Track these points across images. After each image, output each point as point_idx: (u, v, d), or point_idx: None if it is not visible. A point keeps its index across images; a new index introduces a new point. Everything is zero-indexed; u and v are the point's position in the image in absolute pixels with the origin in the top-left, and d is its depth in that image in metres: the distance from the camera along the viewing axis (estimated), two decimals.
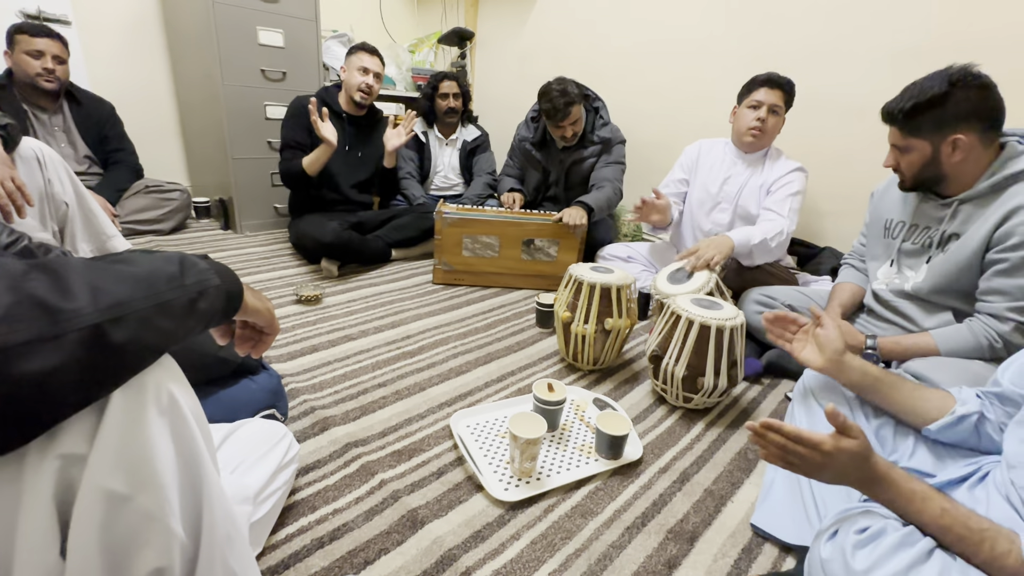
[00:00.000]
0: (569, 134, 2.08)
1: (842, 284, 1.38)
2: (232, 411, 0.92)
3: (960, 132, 1.00)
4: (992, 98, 0.99)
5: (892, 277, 1.23)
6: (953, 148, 1.02)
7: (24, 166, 1.34)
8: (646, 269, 1.99)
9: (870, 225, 1.33)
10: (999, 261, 1.01)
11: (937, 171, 1.07)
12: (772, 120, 1.67)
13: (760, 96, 1.66)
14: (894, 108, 1.06)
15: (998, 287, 1.02)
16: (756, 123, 1.66)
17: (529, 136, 2.25)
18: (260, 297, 0.63)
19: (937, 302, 1.14)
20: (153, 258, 0.48)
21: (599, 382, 1.40)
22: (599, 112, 2.16)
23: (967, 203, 1.08)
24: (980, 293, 1.06)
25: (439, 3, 3.25)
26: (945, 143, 1.02)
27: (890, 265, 1.24)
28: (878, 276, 1.27)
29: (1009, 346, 1.01)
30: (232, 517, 0.54)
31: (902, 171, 1.13)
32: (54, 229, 1.45)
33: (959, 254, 1.07)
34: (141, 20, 2.45)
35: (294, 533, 0.83)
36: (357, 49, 2.05)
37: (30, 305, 0.35)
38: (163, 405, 0.45)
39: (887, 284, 1.24)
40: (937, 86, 0.99)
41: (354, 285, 1.91)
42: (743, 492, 1.02)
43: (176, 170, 2.74)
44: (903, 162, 1.11)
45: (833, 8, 1.87)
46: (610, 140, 2.16)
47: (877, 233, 1.29)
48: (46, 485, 0.39)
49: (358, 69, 2.03)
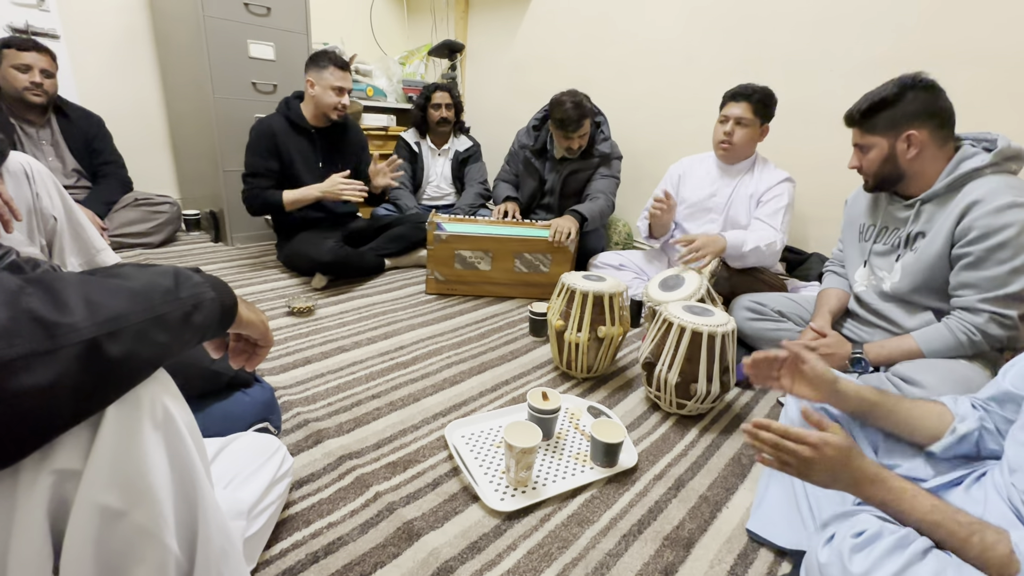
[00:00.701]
0: (575, 146, 2.11)
1: (828, 290, 1.40)
2: (225, 425, 0.91)
3: (913, 128, 1.09)
4: (940, 99, 1.08)
5: (868, 279, 1.28)
6: (908, 144, 1.10)
7: (12, 180, 1.33)
8: (638, 277, 2.01)
9: (845, 231, 1.39)
10: (964, 256, 1.06)
11: (895, 168, 1.14)
12: (740, 132, 1.70)
13: (727, 111, 1.72)
14: (853, 110, 1.16)
15: (967, 280, 1.07)
16: (724, 137, 1.72)
17: (529, 144, 2.27)
18: (254, 310, 0.63)
19: (917, 302, 1.18)
20: (148, 272, 0.48)
21: (593, 390, 1.40)
22: (601, 127, 2.19)
23: (928, 203, 1.14)
24: (952, 289, 1.11)
25: (429, 16, 3.29)
26: (900, 139, 1.11)
27: (863, 266, 1.29)
28: (856, 279, 1.32)
29: (988, 338, 1.05)
30: (227, 532, 0.53)
31: (865, 170, 1.20)
32: (42, 243, 1.43)
33: (927, 252, 1.12)
34: (131, 33, 2.45)
35: (288, 548, 0.82)
36: (328, 63, 1.89)
37: (27, 320, 0.35)
38: (158, 419, 0.45)
39: (866, 286, 1.29)
40: (890, 89, 1.10)
41: (346, 296, 1.91)
42: (738, 497, 1.02)
43: (166, 183, 2.72)
44: (864, 161, 1.18)
45: (816, 21, 1.92)
46: (609, 155, 2.20)
47: (852, 238, 1.35)
48: (40, 501, 0.39)
49: (332, 88, 1.91)
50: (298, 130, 1.98)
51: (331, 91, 1.92)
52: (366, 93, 2.89)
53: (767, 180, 1.73)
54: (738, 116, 1.69)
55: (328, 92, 1.92)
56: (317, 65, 1.90)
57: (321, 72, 1.90)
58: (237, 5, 2.18)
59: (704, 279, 1.50)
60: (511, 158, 2.40)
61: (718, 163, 1.84)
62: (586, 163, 2.19)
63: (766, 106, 1.70)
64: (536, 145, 2.25)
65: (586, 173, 2.22)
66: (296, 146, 1.98)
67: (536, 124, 2.26)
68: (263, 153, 1.92)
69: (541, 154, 2.27)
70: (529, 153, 2.26)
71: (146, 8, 2.46)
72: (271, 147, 1.92)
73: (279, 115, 1.99)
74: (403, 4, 3.41)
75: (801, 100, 1.99)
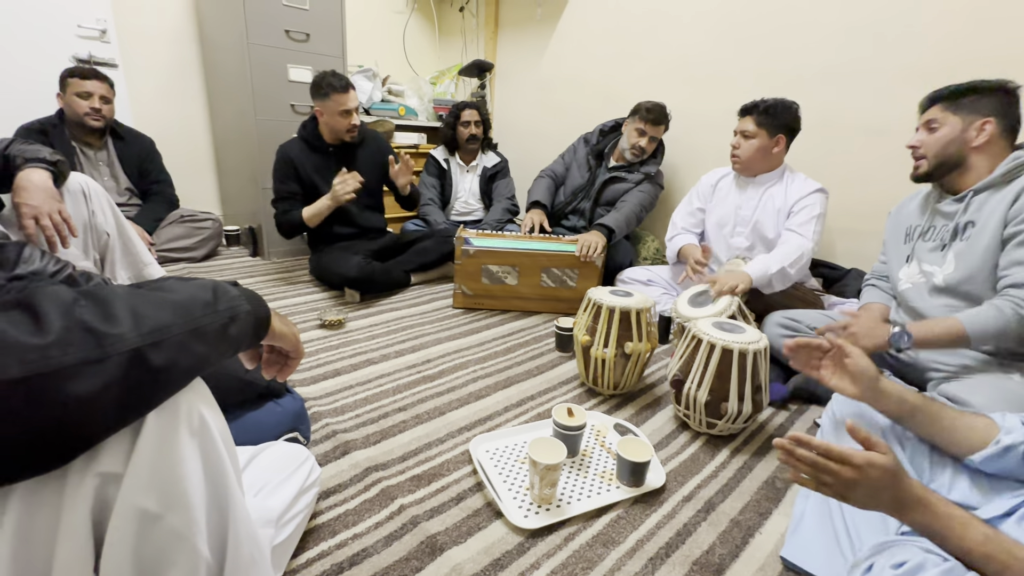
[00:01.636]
0: (644, 143, 2.17)
1: (869, 305, 1.38)
2: (257, 434, 0.94)
3: (989, 120, 1.13)
4: (1017, 106, 1.15)
5: (915, 275, 1.26)
6: (979, 132, 1.14)
7: (71, 199, 1.42)
8: (666, 292, 1.98)
9: (889, 239, 1.39)
10: (1016, 234, 1.07)
11: (958, 152, 1.17)
12: (745, 145, 1.72)
13: (736, 126, 1.75)
14: (945, 89, 1.19)
15: (1017, 258, 1.06)
16: (731, 150, 1.76)
17: (592, 142, 2.37)
18: (286, 322, 0.65)
19: (971, 294, 1.14)
20: (189, 285, 0.51)
21: (620, 407, 1.38)
22: (659, 151, 2.27)
23: (981, 192, 1.15)
24: (1001, 270, 1.09)
25: (460, 37, 3.38)
26: (975, 124, 1.14)
27: (907, 261, 1.28)
28: (901, 277, 1.30)
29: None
30: (256, 539, 0.55)
31: (926, 149, 1.20)
32: (95, 257, 1.52)
33: (979, 239, 1.12)
34: (182, 62, 2.61)
35: (314, 558, 0.83)
36: (330, 90, 1.89)
37: (79, 330, 0.38)
38: (194, 427, 0.47)
39: (912, 283, 1.26)
40: (984, 80, 1.16)
41: (376, 310, 1.95)
42: (772, 523, 0.98)
43: (209, 200, 2.86)
44: (930, 140, 1.19)
45: (848, 33, 1.88)
46: (653, 177, 2.25)
47: (897, 241, 1.34)
48: (84, 503, 0.41)
49: (339, 114, 1.94)
50: (316, 149, 2.06)
51: (338, 116, 1.95)
52: (398, 112, 2.99)
53: (797, 191, 1.70)
54: (742, 129, 1.72)
55: (336, 118, 1.95)
56: (319, 94, 1.92)
57: (325, 101, 1.92)
58: (279, 32, 2.30)
59: (735, 296, 1.47)
60: (567, 151, 2.48)
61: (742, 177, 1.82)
62: (630, 176, 2.24)
63: (773, 116, 1.67)
64: (598, 147, 2.35)
65: (626, 186, 2.26)
66: (315, 165, 2.06)
67: (605, 129, 2.36)
68: (283, 178, 2.02)
69: (599, 156, 2.35)
70: (589, 149, 2.35)
71: (196, 38, 2.62)
72: (290, 172, 2.02)
73: (298, 139, 2.07)
74: (435, 26, 3.52)
75: (834, 112, 1.95)
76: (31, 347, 0.35)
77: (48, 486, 0.40)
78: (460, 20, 3.33)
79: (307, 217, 1.99)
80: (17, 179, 1.25)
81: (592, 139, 2.38)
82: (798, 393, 1.43)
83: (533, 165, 2.51)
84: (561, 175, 2.47)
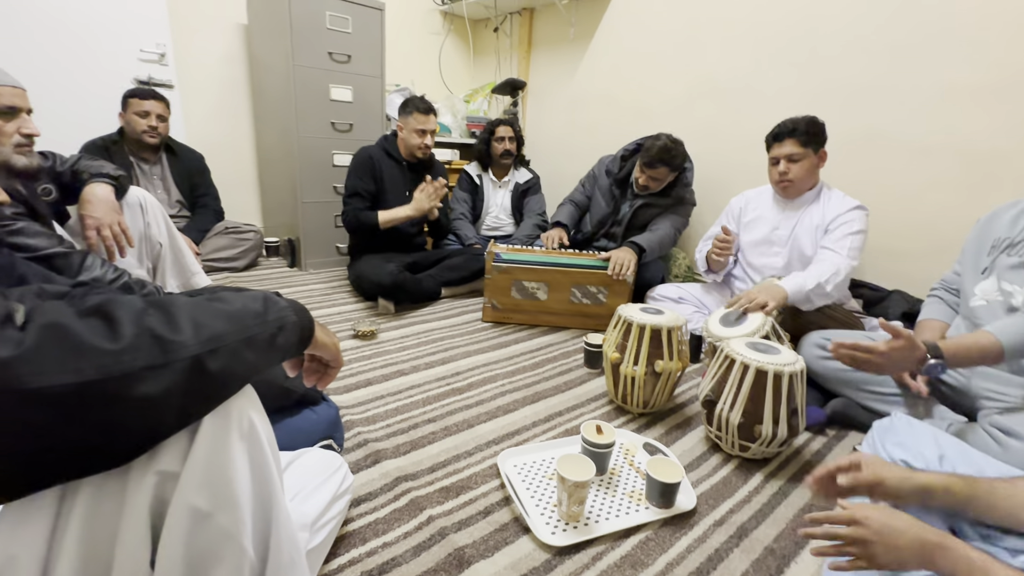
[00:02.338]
0: (642, 181, 2.14)
1: (929, 322, 1.29)
2: (294, 440, 0.97)
3: None
4: None
5: (992, 292, 1.16)
6: None
7: (129, 211, 1.52)
8: (698, 311, 1.95)
9: (968, 250, 1.28)
10: None
11: None
12: (795, 168, 1.66)
13: (774, 152, 1.69)
14: None
15: None
16: (779, 177, 1.69)
17: (614, 171, 2.32)
18: (328, 333, 0.68)
19: None
20: (242, 296, 0.54)
21: (649, 426, 1.36)
22: (685, 173, 2.22)
23: None
24: None
25: (494, 57, 3.46)
26: None
27: (984, 275, 1.18)
28: (975, 292, 1.20)
29: None
30: (295, 542, 0.57)
31: None
32: (148, 266, 1.61)
33: None
34: (232, 83, 2.76)
35: (345, 564, 0.85)
36: (413, 109, 2.12)
37: (147, 336, 0.41)
38: (244, 430, 0.50)
39: (987, 300, 1.17)
40: None
41: (407, 321, 1.99)
42: (808, 553, 0.95)
43: (252, 213, 2.99)
44: None
45: (891, 50, 1.85)
46: (684, 199, 2.23)
47: (978, 253, 1.24)
48: (145, 499, 0.44)
49: (416, 131, 2.14)
50: (393, 160, 2.22)
51: (415, 133, 2.15)
52: None
53: (835, 208, 1.66)
54: (788, 153, 1.65)
55: (413, 135, 2.15)
56: (405, 111, 2.15)
57: (407, 118, 2.14)
58: (322, 54, 2.41)
59: (769, 316, 1.44)
60: (588, 179, 2.46)
61: (778, 196, 1.78)
62: (661, 200, 2.21)
63: (814, 134, 1.64)
64: (620, 174, 2.30)
65: (657, 210, 2.23)
66: (389, 173, 2.21)
67: (624, 155, 2.31)
68: (363, 175, 2.15)
69: (623, 184, 2.31)
70: (612, 181, 2.32)
71: (245, 61, 2.77)
72: (370, 169, 2.16)
73: (378, 146, 2.22)
74: (469, 46, 3.61)
75: (875, 130, 1.90)
76: (106, 352, 0.38)
77: (113, 482, 0.43)
78: (494, 40, 3.41)
79: (383, 221, 2.11)
80: (83, 193, 1.34)
81: (614, 168, 2.31)
82: (836, 418, 1.38)
83: (563, 182, 2.53)
84: (583, 204, 2.45)
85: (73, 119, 2.16)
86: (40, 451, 0.37)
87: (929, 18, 1.76)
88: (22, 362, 0.35)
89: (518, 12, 3.19)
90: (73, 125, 2.11)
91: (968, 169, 1.73)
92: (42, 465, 0.38)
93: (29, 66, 2.05)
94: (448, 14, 3.42)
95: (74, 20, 2.13)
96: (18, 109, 1.13)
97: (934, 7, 1.74)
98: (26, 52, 2.05)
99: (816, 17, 2.02)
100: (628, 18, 2.68)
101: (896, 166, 1.88)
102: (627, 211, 2.27)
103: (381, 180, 2.18)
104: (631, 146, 2.28)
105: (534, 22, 3.18)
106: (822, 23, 2.01)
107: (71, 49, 2.15)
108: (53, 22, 2.09)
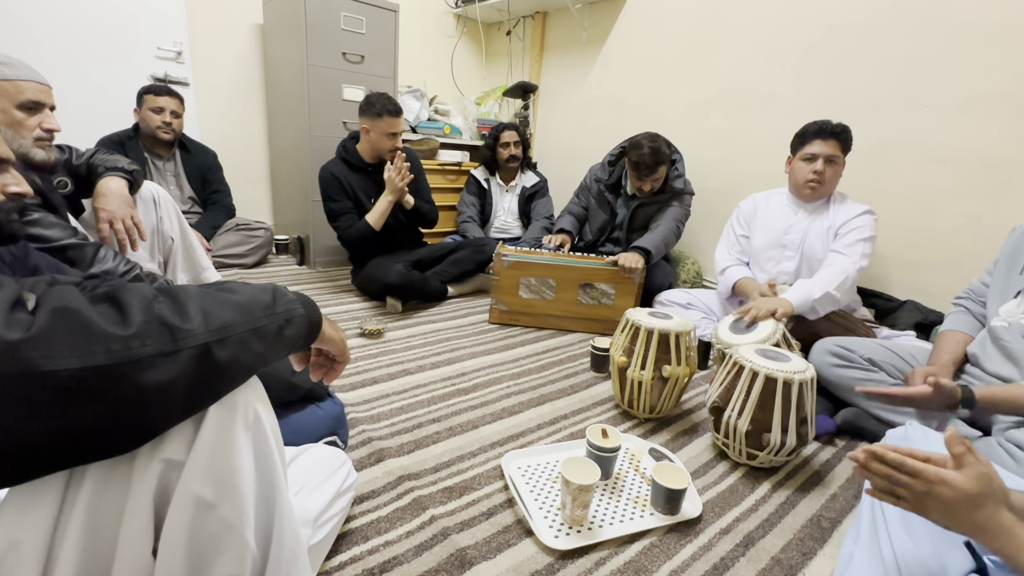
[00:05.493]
0: (647, 188, 2.12)
1: (953, 333, 1.26)
2: (298, 435, 0.97)
3: None
4: None
5: (1018, 314, 1.13)
6: None
7: (142, 206, 1.53)
8: (707, 317, 1.93)
9: (1002, 261, 1.23)
10: None
11: None
12: (831, 171, 1.63)
13: (815, 148, 1.64)
14: None
15: None
16: (813, 176, 1.64)
17: (604, 178, 2.29)
18: (336, 328, 0.68)
19: None
20: (252, 288, 0.54)
21: (656, 431, 1.35)
22: (676, 164, 2.18)
23: None
24: None
25: (505, 59, 3.47)
26: None
27: (1015, 296, 1.15)
28: (1000, 312, 1.17)
29: None
30: (298, 536, 0.57)
31: None
32: (160, 260, 1.63)
33: None
34: (247, 81, 2.79)
35: (347, 561, 0.85)
36: (383, 112, 1.98)
37: (157, 324, 0.41)
38: (249, 422, 0.50)
39: (1010, 322, 1.14)
40: None
41: (413, 321, 1.99)
42: (816, 565, 0.93)
43: (262, 210, 3.01)
44: None
45: (908, 59, 1.83)
46: (681, 191, 2.19)
47: (1010, 270, 1.20)
48: (149, 486, 0.44)
49: (387, 135, 2.02)
50: (355, 169, 2.13)
51: (386, 137, 2.04)
52: (443, 131, 3.08)
53: (845, 213, 1.65)
54: (829, 155, 1.62)
55: (383, 138, 2.04)
56: (372, 112, 2.00)
57: (377, 121, 2.01)
58: (336, 55, 2.43)
59: (780, 323, 1.42)
60: (582, 191, 2.43)
61: (792, 199, 1.77)
62: (657, 198, 2.18)
63: (848, 141, 1.63)
64: (610, 180, 2.28)
65: (656, 208, 2.20)
66: (357, 183, 2.13)
67: (611, 159, 2.28)
68: (336, 194, 2.09)
69: (615, 189, 2.29)
70: (603, 187, 2.29)
71: (260, 60, 2.80)
72: (340, 187, 2.09)
73: (337, 159, 2.13)
74: (482, 49, 3.62)
75: (891, 140, 1.88)
76: (116, 337, 0.38)
77: (118, 468, 0.43)
78: (507, 43, 3.42)
79: (373, 221, 2.06)
80: (98, 186, 1.36)
81: (603, 175, 2.29)
82: (846, 428, 1.36)
83: (573, 185, 2.52)
84: (580, 215, 2.42)
85: (90, 115, 2.19)
86: (48, 434, 0.37)
87: (947, 24, 1.74)
88: (32, 345, 0.35)
89: (531, 16, 3.20)
90: (90, 121, 2.14)
91: (985, 179, 1.71)
92: (50, 449, 0.38)
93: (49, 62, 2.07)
94: (461, 17, 3.44)
95: (94, 18, 2.16)
96: (42, 104, 1.15)
97: (954, 14, 1.72)
98: (46, 49, 2.09)
99: (832, 25, 2.01)
100: (641, 23, 2.68)
101: (912, 176, 1.86)
102: (625, 214, 2.25)
103: (352, 192, 2.12)
104: (615, 150, 2.25)
105: (547, 26, 3.19)
106: (838, 31, 1.99)
107: (91, 46, 2.18)
108: (73, 21, 2.12)
